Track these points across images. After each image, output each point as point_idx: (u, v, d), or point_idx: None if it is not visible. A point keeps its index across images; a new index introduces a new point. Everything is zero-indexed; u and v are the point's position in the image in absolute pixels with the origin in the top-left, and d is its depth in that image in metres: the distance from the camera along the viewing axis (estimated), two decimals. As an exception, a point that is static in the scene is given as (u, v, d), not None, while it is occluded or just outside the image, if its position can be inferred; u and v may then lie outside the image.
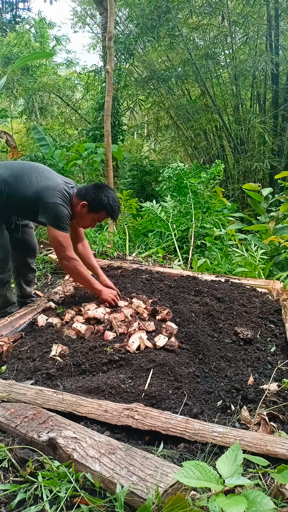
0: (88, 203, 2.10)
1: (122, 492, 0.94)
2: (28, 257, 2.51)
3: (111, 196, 2.12)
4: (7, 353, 1.80)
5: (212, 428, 1.20)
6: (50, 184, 2.08)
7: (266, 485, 1.06)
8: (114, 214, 2.16)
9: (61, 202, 2.05)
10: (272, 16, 6.05)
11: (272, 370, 1.65)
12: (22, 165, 2.20)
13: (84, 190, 2.15)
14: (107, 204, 2.09)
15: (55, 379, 1.58)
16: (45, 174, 2.16)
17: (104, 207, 2.11)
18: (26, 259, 2.50)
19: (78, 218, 2.21)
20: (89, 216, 2.15)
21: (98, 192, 2.11)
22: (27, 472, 1.06)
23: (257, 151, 6.85)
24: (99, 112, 7.33)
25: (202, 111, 7.38)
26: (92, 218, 2.17)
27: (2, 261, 2.23)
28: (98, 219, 2.19)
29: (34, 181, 2.10)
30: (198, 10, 6.45)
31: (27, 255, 2.50)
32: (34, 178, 2.11)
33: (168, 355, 1.67)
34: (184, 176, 4.52)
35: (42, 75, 11.60)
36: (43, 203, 2.04)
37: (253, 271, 2.98)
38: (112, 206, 2.11)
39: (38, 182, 2.09)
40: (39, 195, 2.05)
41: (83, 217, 2.17)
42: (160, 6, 6.16)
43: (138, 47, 7.30)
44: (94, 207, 2.11)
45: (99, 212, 2.13)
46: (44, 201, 2.04)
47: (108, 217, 2.19)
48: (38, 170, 2.17)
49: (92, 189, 2.13)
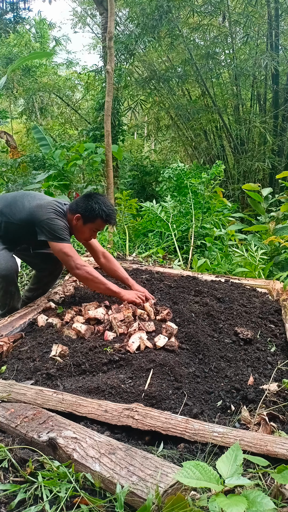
0: (81, 215, 2.12)
1: (122, 492, 0.94)
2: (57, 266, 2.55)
3: (101, 202, 2.12)
4: (7, 353, 1.80)
5: (212, 428, 1.20)
6: (41, 203, 2.14)
7: (266, 485, 1.06)
8: (109, 219, 2.15)
9: (55, 216, 2.08)
10: (273, 16, 6.05)
11: (272, 370, 1.65)
12: (15, 194, 2.30)
13: (74, 204, 2.17)
14: (100, 211, 2.09)
15: (55, 379, 1.58)
16: (36, 197, 2.23)
17: (98, 215, 2.10)
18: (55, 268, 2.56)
19: (77, 233, 2.22)
20: (86, 227, 2.16)
21: (88, 201, 2.12)
22: (27, 472, 1.06)
23: (257, 151, 6.85)
24: (99, 112, 7.34)
25: (203, 111, 7.38)
26: (90, 228, 2.17)
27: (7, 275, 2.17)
28: (96, 228, 2.20)
29: (26, 204, 2.16)
30: (199, 10, 6.45)
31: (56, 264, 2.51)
32: (27, 202, 2.17)
33: (168, 355, 1.67)
34: (184, 176, 4.52)
35: (42, 75, 11.61)
36: (38, 222, 2.07)
37: (253, 271, 2.98)
38: (105, 211, 2.11)
39: (30, 203, 2.15)
40: (33, 215, 2.10)
41: (81, 230, 2.18)
42: (161, 5, 6.16)
43: (138, 47, 7.30)
44: (88, 217, 2.12)
45: (94, 221, 2.14)
46: (38, 220, 2.07)
47: (105, 223, 2.19)
48: (30, 195, 2.24)
49: (82, 200, 2.15)
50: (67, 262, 2.10)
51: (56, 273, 2.64)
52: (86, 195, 2.20)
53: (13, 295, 2.29)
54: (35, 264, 2.63)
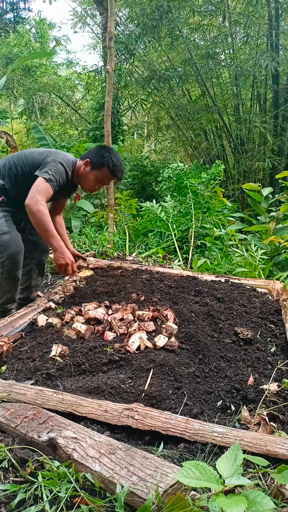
0: (90, 160, 2.21)
1: (122, 492, 0.94)
2: (43, 257, 2.56)
3: (112, 153, 2.21)
4: (7, 353, 1.79)
5: (212, 428, 1.20)
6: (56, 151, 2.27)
7: (266, 485, 1.06)
8: (116, 170, 2.22)
9: (62, 162, 2.14)
10: (273, 16, 6.05)
11: (272, 370, 1.65)
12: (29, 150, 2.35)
13: (86, 152, 2.29)
14: (108, 159, 2.17)
15: (55, 379, 1.58)
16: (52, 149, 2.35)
17: (105, 162, 2.18)
18: (41, 259, 2.56)
19: (83, 180, 2.27)
20: (92, 174, 2.23)
21: (100, 149, 2.24)
22: (27, 472, 1.06)
23: (257, 151, 6.85)
24: (99, 112, 7.34)
25: (203, 111, 7.39)
26: (96, 175, 2.23)
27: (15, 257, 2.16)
28: (101, 178, 2.25)
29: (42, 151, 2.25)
30: (199, 10, 6.45)
31: (41, 255, 2.55)
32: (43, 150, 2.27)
33: (168, 355, 1.67)
34: (184, 176, 4.52)
35: (42, 75, 11.60)
36: (44, 162, 2.13)
37: (253, 271, 2.98)
38: (113, 161, 2.18)
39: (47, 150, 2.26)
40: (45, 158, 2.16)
41: (87, 176, 2.24)
42: (162, 5, 6.16)
43: (138, 47, 7.31)
44: (96, 163, 2.20)
45: (101, 169, 2.21)
46: (45, 161, 2.14)
47: (112, 175, 2.25)
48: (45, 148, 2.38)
49: (94, 149, 2.28)
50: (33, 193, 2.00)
51: (41, 265, 2.60)
52: (99, 145, 2.31)
53: (16, 281, 2.26)
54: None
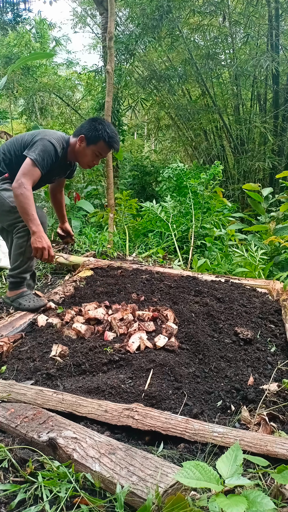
0: (85, 135, 2.15)
1: (122, 492, 0.94)
2: None
3: (106, 124, 2.16)
4: (7, 353, 1.80)
5: (212, 428, 1.20)
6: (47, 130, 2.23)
7: (266, 485, 1.06)
8: (112, 142, 2.17)
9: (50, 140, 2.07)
10: (273, 16, 6.05)
11: (272, 370, 1.65)
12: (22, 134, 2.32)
13: (79, 127, 2.21)
14: (103, 131, 2.13)
15: (55, 379, 1.58)
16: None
17: (101, 136, 2.14)
18: None
19: (80, 156, 2.23)
20: (89, 149, 2.18)
21: (93, 122, 2.17)
22: (27, 472, 1.06)
23: (257, 151, 6.85)
24: (100, 112, 7.33)
25: (203, 111, 7.38)
26: (93, 151, 2.19)
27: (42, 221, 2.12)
28: (99, 152, 2.21)
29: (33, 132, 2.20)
30: (199, 10, 6.45)
31: None
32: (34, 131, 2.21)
33: (168, 355, 1.67)
34: (184, 177, 4.51)
35: (43, 75, 11.60)
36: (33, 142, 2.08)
37: (253, 271, 2.98)
38: (108, 133, 2.14)
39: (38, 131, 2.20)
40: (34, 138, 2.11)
41: (84, 152, 2.19)
42: (162, 5, 6.16)
43: (138, 47, 7.31)
44: (91, 137, 2.15)
45: (97, 143, 2.16)
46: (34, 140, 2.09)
47: (108, 147, 2.20)
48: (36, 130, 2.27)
49: (87, 122, 2.20)
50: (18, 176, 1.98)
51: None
52: (91, 118, 2.24)
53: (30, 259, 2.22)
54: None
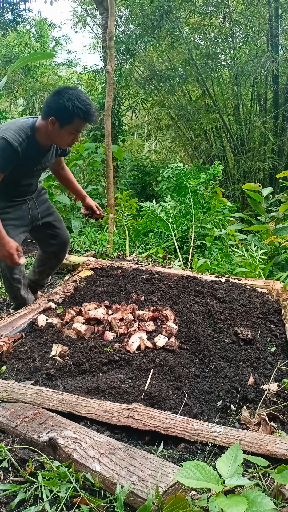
0: (55, 117, 1.85)
1: (122, 492, 0.94)
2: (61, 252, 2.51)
3: (74, 97, 1.81)
4: (7, 353, 1.80)
5: (212, 428, 1.20)
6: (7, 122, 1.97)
7: (266, 486, 1.06)
8: (88, 115, 1.87)
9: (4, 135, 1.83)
10: (273, 16, 6.05)
11: (272, 370, 1.65)
12: None
13: (45, 106, 1.89)
14: (75, 108, 1.81)
15: (55, 379, 1.58)
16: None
17: (74, 113, 1.83)
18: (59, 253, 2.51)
19: (55, 139, 1.96)
20: (64, 131, 1.90)
21: (58, 99, 1.82)
22: (27, 472, 1.06)
23: (257, 151, 6.85)
24: (100, 112, 7.33)
25: (203, 111, 7.39)
26: (69, 131, 1.91)
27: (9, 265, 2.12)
28: (76, 129, 1.92)
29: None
30: (199, 10, 6.45)
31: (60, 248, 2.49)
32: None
33: (168, 355, 1.67)
34: (184, 177, 4.52)
35: (43, 75, 11.61)
36: None
37: (253, 271, 2.98)
38: (81, 108, 1.82)
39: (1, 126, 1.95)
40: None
41: (59, 135, 1.92)
42: (162, 5, 6.16)
43: (139, 47, 7.31)
44: (63, 118, 1.85)
45: (71, 122, 1.86)
46: None
47: (85, 121, 1.91)
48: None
49: (52, 100, 1.85)
50: None
51: (60, 257, 2.56)
52: (55, 92, 1.87)
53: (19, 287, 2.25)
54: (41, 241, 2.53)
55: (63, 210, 4.67)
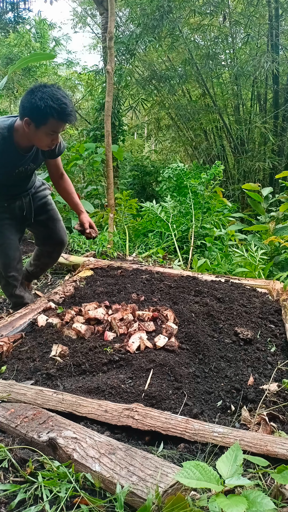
0: (29, 117, 1.72)
1: (122, 492, 0.94)
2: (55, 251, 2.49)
3: (48, 96, 1.67)
4: (7, 353, 1.80)
5: (212, 428, 1.20)
6: None
7: (266, 486, 1.06)
8: (63, 115, 1.72)
9: None
10: (273, 16, 6.05)
11: (272, 370, 1.65)
12: None
13: (20, 106, 1.76)
14: (48, 108, 1.67)
15: (55, 379, 1.58)
16: None
17: (48, 113, 1.69)
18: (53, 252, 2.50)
19: (34, 141, 1.85)
20: (40, 132, 1.76)
21: (31, 98, 1.69)
22: (27, 472, 1.06)
23: (257, 151, 6.86)
24: (100, 112, 7.33)
25: (203, 111, 7.39)
26: (46, 132, 1.77)
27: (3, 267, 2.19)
28: (53, 130, 1.78)
29: None
30: (199, 10, 6.46)
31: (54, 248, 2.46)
32: None
33: (168, 355, 1.67)
34: (184, 177, 4.52)
35: (43, 75, 11.61)
36: None
37: (253, 271, 2.98)
38: (54, 108, 1.68)
39: None
40: None
41: (36, 136, 1.79)
42: (162, 5, 6.16)
43: (139, 47, 7.31)
44: (37, 118, 1.72)
45: (47, 123, 1.73)
46: None
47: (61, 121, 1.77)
48: None
49: (25, 99, 1.72)
50: None
51: (54, 256, 2.54)
52: (28, 90, 1.73)
53: (15, 285, 2.26)
54: (36, 239, 2.54)
55: (63, 210, 4.67)
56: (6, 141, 1.82)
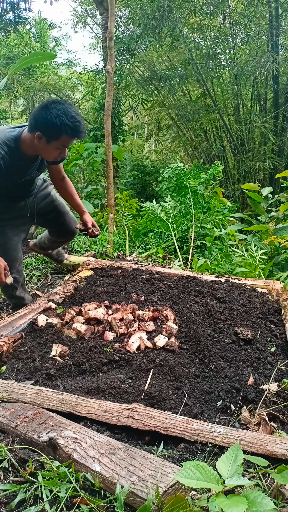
0: (41, 132, 1.78)
1: (122, 492, 0.94)
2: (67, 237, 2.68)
3: (63, 114, 1.75)
4: (7, 353, 1.80)
5: (212, 428, 1.20)
6: None
7: (266, 486, 1.06)
8: (77, 133, 1.81)
9: None
10: (273, 16, 6.05)
11: (272, 370, 1.65)
12: None
13: (32, 119, 1.82)
14: (63, 126, 1.75)
15: (55, 379, 1.58)
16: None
17: (62, 131, 1.77)
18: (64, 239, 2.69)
19: (42, 153, 1.92)
20: (51, 146, 1.83)
21: (45, 114, 1.75)
22: (27, 472, 1.06)
23: (257, 151, 6.86)
24: (100, 112, 7.33)
25: (203, 111, 7.39)
26: (56, 146, 1.85)
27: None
28: (63, 145, 1.86)
29: None
30: (199, 10, 6.46)
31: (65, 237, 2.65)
32: None
33: (168, 355, 1.67)
34: (184, 177, 4.52)
35: (43, 75, 11.61)
36: None
37: (253, 271, 2.98)
38: (69, 125, 1.76)
39: None
40: None
41: (46, 149, 1.86)
42: (162, 6, 6.17)
43: (139, 47, 7.31)
44: (50, 134, 1.78)
45: (59, 138, 1.80)
46: None
47: (73, 138, 1.86)
48: None
49: (39, 113, 1.78)
50: None
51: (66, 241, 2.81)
52: (42, 105, 1.80)
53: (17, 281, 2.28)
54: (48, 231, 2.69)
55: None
56: (13, 152, 1.87)
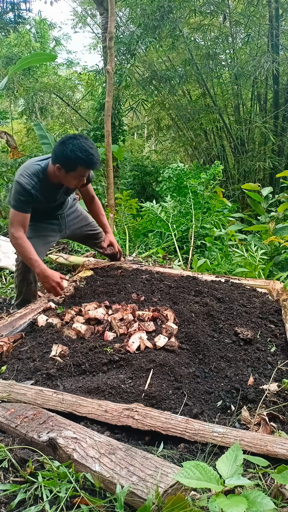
0: (60, 164, 2.04)
1: (122, 492, 0.94)
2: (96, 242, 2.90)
3: (77, 148, 1.98)
4: (7, 353, 1.80)
5: (212, 428, 1.20)
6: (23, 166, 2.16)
7: (266, 486, 1.06)
8: (90, 165, 2.05)
9: (18, 180, 2.06)
10: (273, 16, 6.05)
11: (272, 370, 1.65)
12: None
13: (53, 153, 2.08)
14: (77, 159, 1.99)
15: (55, 379, 1.58)
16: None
17: (77, 163, 2.01)
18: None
19: (64, 182, 2.17)
20: (70, 176, 2.09)
21: (63, 149, 2.00)
22: (27, 472, 1.06)
23: (257, 151, 6.86)
24: (100, 112, 7.33)
25: (203, 111, 7.39)
26: (74, 176, 2.11)
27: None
28: (80, 175, 2.12)
29: None
30: (199, 10, 6.46)
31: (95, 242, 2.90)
32: None
33: (168, 355, 1.67)
34: (184, 177, 4.52)
35: (43, 75, 11.60)
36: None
37: (253, 271, 2.98)
38: (83, 158, 1.99)
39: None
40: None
41: (66, 179, 2.12)
42: (162, 6, 6.16)
43: (139, 47, 7.30)
44: (68, 166, 2.03)
45: (75, 169, 2.05)
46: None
47: (88, 169, 2.11)
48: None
49: (57, 148, 2.04)
50: (9, 227, 2.16)
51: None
52: (60, 141, 2.05)
53: (29, 284, 2.38)
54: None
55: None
56: (42, 182, 2.14)
